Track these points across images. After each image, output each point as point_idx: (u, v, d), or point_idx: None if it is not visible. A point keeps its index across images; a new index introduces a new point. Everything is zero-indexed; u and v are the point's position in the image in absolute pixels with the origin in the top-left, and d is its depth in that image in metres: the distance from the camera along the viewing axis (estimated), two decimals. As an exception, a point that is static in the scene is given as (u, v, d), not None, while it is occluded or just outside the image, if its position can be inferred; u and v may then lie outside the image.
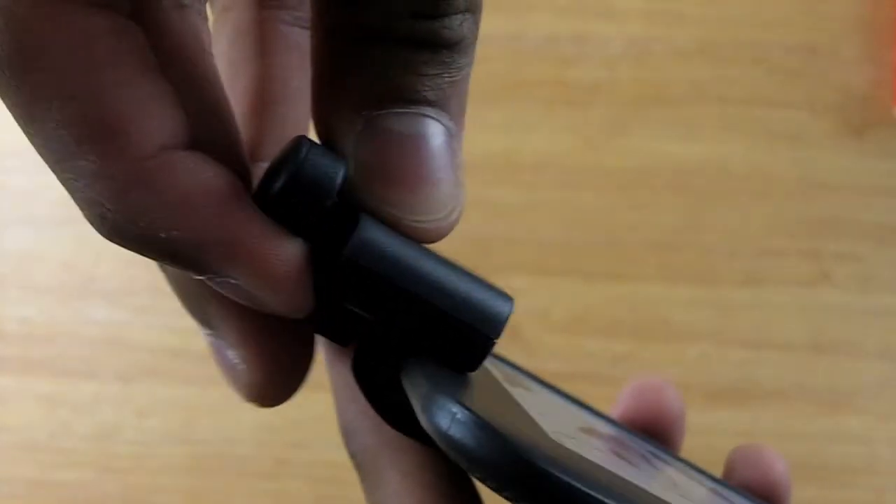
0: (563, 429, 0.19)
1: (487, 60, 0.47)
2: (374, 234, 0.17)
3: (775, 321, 0.44)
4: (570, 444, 0.16)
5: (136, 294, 0.46)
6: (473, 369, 0.17)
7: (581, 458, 0.16)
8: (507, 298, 0.18)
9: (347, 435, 0.20)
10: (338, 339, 0.19)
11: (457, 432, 0.14)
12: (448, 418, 0.15)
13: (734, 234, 0.45)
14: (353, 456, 0.20)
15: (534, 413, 0.18)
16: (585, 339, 0.44)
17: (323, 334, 0.18)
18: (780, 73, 0.47)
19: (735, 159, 0.46)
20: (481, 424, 0.14)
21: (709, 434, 0.43)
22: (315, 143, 0.17)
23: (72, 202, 0.17)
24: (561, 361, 0.44)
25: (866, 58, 0.47)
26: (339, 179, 0.17)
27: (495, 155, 0.46)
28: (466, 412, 0.14)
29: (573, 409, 0.24)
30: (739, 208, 0.45)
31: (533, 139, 0.47)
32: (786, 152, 0.46)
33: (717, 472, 0.27)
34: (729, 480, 0.26)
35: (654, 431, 0.26)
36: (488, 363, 0.21)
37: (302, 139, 0.17)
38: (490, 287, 0.18)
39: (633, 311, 0.44)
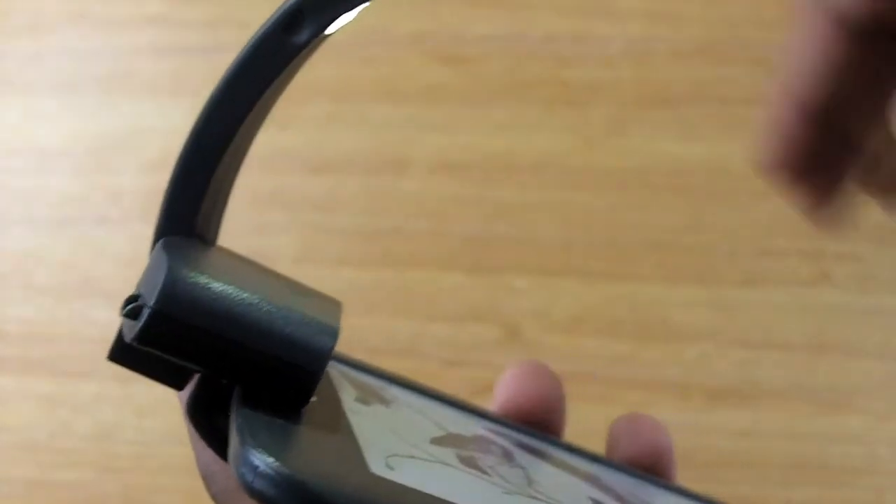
0: (403, 448, 0.18)
1: (487, 60, 0.47)
2: (182, 279, 0.16)
3: (775, 321, 0.44)
4: (401, 469, 0.17)
5: (136, 294, 0.46)
6: (303, 405, 0.17)
7: (399, 489, 0.16)
8: (331, 330, 0.17)
9: (206, 479, 0.20)
10: (171, 383, 0.18)
11: (259, 485, 0.14)
12: (252, 472, 0.15)
13: (734, 234, 0.45)
14: (213, 498, 0.20)
15: (369, 439, 0.18)
16: (585, 339, 0.44)
17: (155, 379, 0.18)
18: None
19: (735, 159, 0.46)
20: (282, 475, 0.14)
21: (709, 434, 0.43)
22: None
23: (71, 202, 0.17)
24: (561, 361, 0.44)
25: (866, 58, 0.46)
26: None
27: (495, 155, 0.46)
28: (268, 464, 0.15)
29: (438, 413, 0.23)
30: (739, 208, 0.45)
31: (533, 139, 0.47)
32: (786, 152, 0.46)
33: (720, 474, 0.27)
34: (614, 456, 0.25)
35: (533, 418, 0.25)
36: (346, 379, 0.22)
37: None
38: (312, 319, 0.17)
39: (633, 311, 0.44)
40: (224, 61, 0.20)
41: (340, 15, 0.19)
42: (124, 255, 0.46)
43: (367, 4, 0.19)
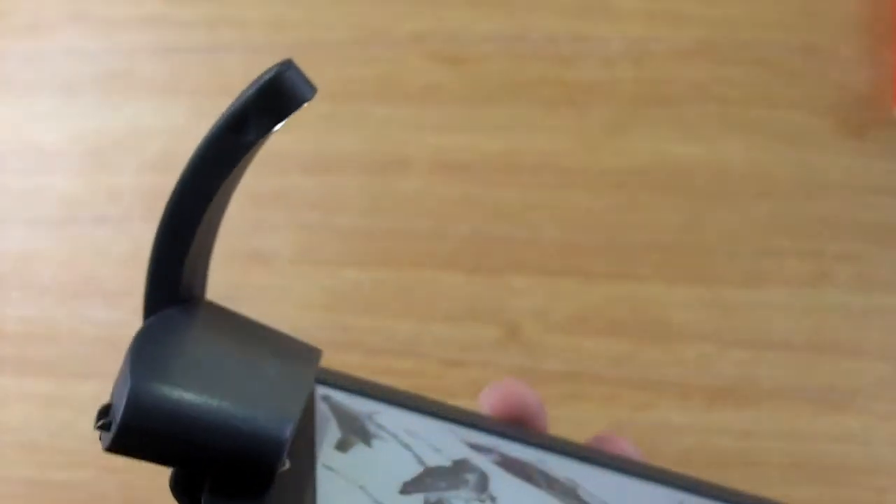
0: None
1: (487, 60, 0.47)
2: (143, 396, 0.19)
3: (775, 321, 0.44)
4: None
5: (136, 294, 0.46)
6: (265, 491, 0.19)
7: None
8: (286, 420, 0.19)
9: None
10: (159, 462, 0.20)
11: None
12: None
13: (734, 234, 0.45)
14: None
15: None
16: (585, 339, 0.44)
17: (142, 459, 0.20)
18: (780, 73, 0.47)
19: (735, 159, 0.46)
20: None
21: (709, 434, 0.43)
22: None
23: (71, 202, 0.17)
24: (561, 361, 0.44)
25: (866, 58, 0.46)
26: None
27: (495, 155, 0.46)
28: None
29: (426, 437, 0.25)
30: (739, 208, 0.45)
31: (533, 139, 0.47)
32: (786, 152, 0.46)
33: (720, 474, 0.27)
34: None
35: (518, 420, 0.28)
36: (335, 414, 0.23)
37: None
38: (271, 408, 0.19)
39: (633, 311, 0.44)
40: (224, 61, 0.20)
41: (283, 119, 0.20)
42: (124, 255, 0.46)
43: (306, 104, 0.20)
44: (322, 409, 0.23)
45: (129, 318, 0.46)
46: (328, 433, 0.22)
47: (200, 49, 0.48)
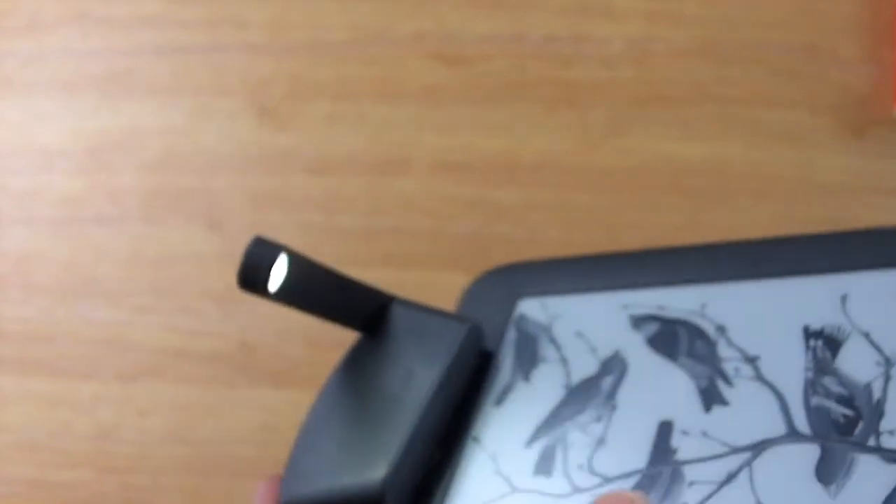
0: (487, 491, 0.25)
1: (487, 60, 0.47)
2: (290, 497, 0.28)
3: (775, 321, 0.44)
4: None
5: (136, 294, 0.46)
6: None
7: None
8: (379, 478, 0.25)
9: None
10: None
11: None
12: None
13: (734, 234, 0.45)
14: None
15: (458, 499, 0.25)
16: (585, 339, 0.44)
17: None
18: (780, 73, 0.47)
19: (735, 159, 0.46)
20: None
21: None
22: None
23: (71, 202, 0.17)
24: (561, 361, 0.44)
25: (866, 58, 0.46)
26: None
27: (495, 155, 0.46)
28: None
29: (592, 336, 0.27)
30: (739, 208, 0.45)
31: (533, 139, 0.47)
32: (786, 152, 0.46)
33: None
34: None
35: None
36: (513, 348, 0.27)
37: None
38: (372, 469, 0.26)
39: (633, 311, 0.44)
40: (224, 61, 0.20)
41: (268, 281, 0.27)
42: (124, 255, 0.46)
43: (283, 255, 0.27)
44: (505, 348, 0.27)
45: (129, 318, 0.46)
46: (496, 385, 0.26)
47: (200, 49, 0.48)
